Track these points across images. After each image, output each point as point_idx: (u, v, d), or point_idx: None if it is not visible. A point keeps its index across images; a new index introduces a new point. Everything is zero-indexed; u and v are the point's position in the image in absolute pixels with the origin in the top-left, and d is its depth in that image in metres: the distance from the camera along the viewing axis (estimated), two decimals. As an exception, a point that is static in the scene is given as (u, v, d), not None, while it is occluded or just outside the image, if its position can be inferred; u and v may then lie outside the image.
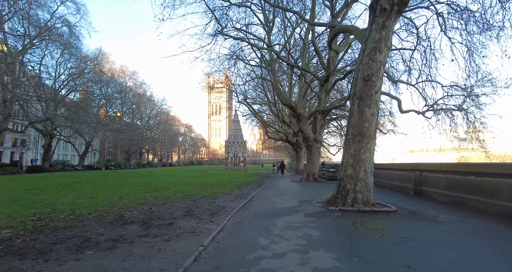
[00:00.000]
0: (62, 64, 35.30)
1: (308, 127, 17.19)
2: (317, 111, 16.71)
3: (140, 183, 14.45)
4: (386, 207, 6.56)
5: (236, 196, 9.22)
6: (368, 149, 6.79)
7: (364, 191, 6.62)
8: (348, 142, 6.96)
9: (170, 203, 7.73)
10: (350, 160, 6.81)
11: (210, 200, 8.17)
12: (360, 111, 6.83)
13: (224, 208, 6.95)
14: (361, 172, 6.70)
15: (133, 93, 52.60)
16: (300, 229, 4.87)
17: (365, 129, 6.78)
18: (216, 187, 12.20)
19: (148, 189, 11.41)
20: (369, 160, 6.80)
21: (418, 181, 9.60)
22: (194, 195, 9.46)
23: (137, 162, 58.96)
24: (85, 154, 43.53)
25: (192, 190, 10.90)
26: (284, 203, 7.80)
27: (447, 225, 5.13)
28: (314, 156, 16.96)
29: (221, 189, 11.26)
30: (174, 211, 6.49)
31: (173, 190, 11.22)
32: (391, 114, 19.37)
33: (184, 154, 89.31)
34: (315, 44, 15.80)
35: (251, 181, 16.60)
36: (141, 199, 8.34)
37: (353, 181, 6.67)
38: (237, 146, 34.80)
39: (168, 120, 68.03)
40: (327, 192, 10.56)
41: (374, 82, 6.81)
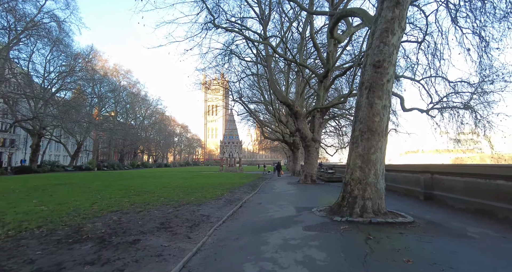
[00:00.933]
0: (52, 62, 33.95)
1: (306, 126, 16.11)
2: (315, 109, 15.64)
3: (125, 186, 13.24)
4: (400, 216, 5.48)
5: (225, 202, 8.08)
6: (379, 148, 5.71)
7: (374, 198, 5.53)
8: (356, 140, 5.86)
9: (147, 210, 6.57)
10: (358, 161, 5.72)
11: (194, 207, 7.01)
12: (370, 103, 5.75)
13: (209, 218, 5.81)
14: (371, 175, 5.61)
15: (127, 92, 51.18)
16: (299, 249, 3.75)
17: (376, 124, 5.70)
18: (205, 191, 11.05)
19: (130, 193, 10.23)
20: (380, 161, 5.72)
21: (428, 184, 8.54)
22: (178, 200, 8.30)
23: (131, 163, 57.45)
24: (76, 155, 42.03)
25: (178, 194, 9.73)
26: (279, 211, 6.67)
27: (485, 243, 4.05)
28: (312, 157, 15.88)
29: (210, 193, 10.11)
30: (146, 222, 5.33)
31: (158, 194, 10.05)
32: (394, 112, 18.36)
33: (180, 154, 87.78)
34: (313, 38, 14.76)
35: (245, 183, 15.46)
36: (115, 206, 7.16)
37: (362, 185, 5.57)
38: (232, 146, 33.62)
39: (163, 120, 66.59)
40: (327, 196, 9.48)
41: (386, 68, 5.73)
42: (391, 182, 11.37)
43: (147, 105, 59.57)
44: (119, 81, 49.65)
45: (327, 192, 11.33)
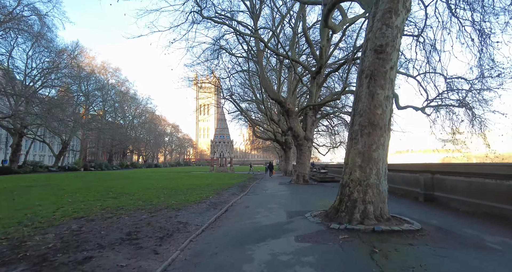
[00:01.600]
0: (34, 57, 32.31)
1: (298, 124, 15.41)
2: (308, 107, 14.95)
3: (105, 187, 12.23)
4: (405, 222, 4.77)
5: (209, 206, 7.25)
6: (381, 145, 4.99)
7: (376, 202, 4.80)
8: (355, 135, 5.13)
9: (117, 217, 5.68)
10: (358, 159, 4.99)
11: (172, 213, 6.15)
12: (371, 94, 5.03)
13: (186, 226, 4.97)
14: (372, 176, 4.89)
15: (116, 90, 49.54)
16: (290, 268, 2.98)
17: (377, 117, 4.98)
18: (190, 193, 10.18)
19: (107, 195, 9.28)
20: (382, 159, 5.00)
21: (429, 185, 7.91)
22: (157, 204, 7.42)
23: (120, 163, 55.77)
24: (61, 155, 40.29)
25: (159, 197, 8.84)
26: (269, 215, 5.88)
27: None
28: (305, 156, 15.19)
29: (195, 195, 9.25)
30: (110, 233, 4.46)
31: (137, 196, 9.13)
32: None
33: (171, 154, 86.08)
34: (306, 32, 14.09)
35: (234, 184, 14.64)
36: (83, 211, 6.24)
37: (362, 187, 4.84)
38: (223, 146, 32.69)
39: (153, 119, 64.98)
40: (321, 198, 8.76)
41: (389, 54, 5.02)
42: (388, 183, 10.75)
43: (137, 104, 57.97)
44: (107, 79, 48.01)
45: (321, 194, 10.63)
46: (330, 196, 9.46)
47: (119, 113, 54.39)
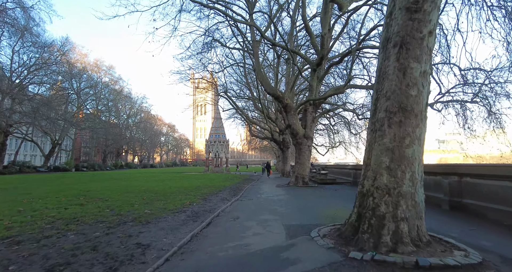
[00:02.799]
0: (21, 53, 30.64)
1: (297, 121, 13.99)
2: (307, 102, 13.53)
3: (80, 191, 10.72)
4: (454, 248, 3.35)
5: (189, 217, 5.77)
6: (417, 138, 3.57)
7: (412, 218, 3.38)
8: (380, 126, 3.70)
9: (61, 235, 4.21)
10: (385, 158, 3.56)
11: (136, 228, 4.68)
12: (402, 68, 3.61)
13: (145, 252, 3.50)
14: (405, 181, 3.46)
15: (109, 89, 47.80)
16: None
17: (411, 100, 3.56)
18: (173, 198, 8.69)
19: (73, 202, 7.77)
20: (418, 158, 3.58)
21: (456, 190, 6.51)
22: (125, 214, 5.94)
23: (114, 163, 54.01)
24: (51, 155, 38.55)
25: (132, 204, 7.35)
26: (262, 233, 4.42)
27: None
28: (304, 156, 13.77)
29: (176, 202, 7.76)
30: (25, 267, 2.99)
31: (108, 203, 7.65)
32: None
33: (167, 154, 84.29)
34: (306, 20, 12.69)
35: (227, 187, 13.18)
36: (20, 226, 4.75)
37: (392, 198, 3.41)
38: (218, 145, 31.16)
39: (148, 119, 63.25)
40: (327, 205, 7.34)
41: (427, 13, 3.60)
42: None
43: (131, 103, 56.24)
44: (100, 77, 46.31)
45: (325, 199, 9.20)
46: (336, 203, 8.05)
47: (113, 112, 52.66)
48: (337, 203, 7.95)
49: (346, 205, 7.60)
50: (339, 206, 7.38)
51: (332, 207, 7.20)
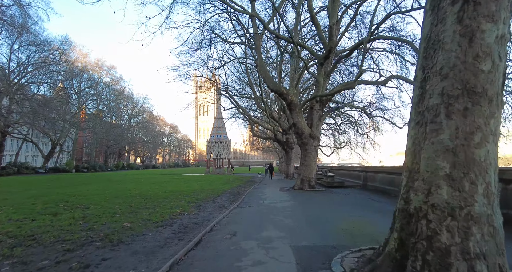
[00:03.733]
0: (20, 52, 29.93)
1: (303, 120, 12.86)
2: (314, 98, 12.39)
3: (64, 196, 9.69)
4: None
5: (174, 233, 4.66)
6: (492, 133, 2.43)
7: (491, 253, 2.24)
8: (433, 117, 2.56)
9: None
10: (443, 162, 2.42)
11: (100, 253, 3.58)
12: (467, 33, 2.46)
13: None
14: (477, 197, 2.32)
15: (109, 89, 46.98)
16: None
17: (483, 78, 2.42)
18: (164, 205, 7.60)
19: (49, 210, 6.72)
20: (493, 162, 2.44)
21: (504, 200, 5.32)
22: (98, 228, 4.85)
23: (116, 164, 53.22)
24: (50, 155, 37.75)
25: (114, 214, 6.26)
26: (264, 264, 3.28)
27: None
28: (310, 157, 12.62)
29: (165, 210, 6.66)
30: None
31: (88, 211, 6.59)
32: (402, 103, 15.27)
33: (169, 155, 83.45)
34: (312, 11, 11.60)
35: (227, 190, 12.07)
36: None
37: (459, 222, 2.27)
38: (220, 146, 30.07)
39: (150, 119, 62.44)
40: (344, 215, 6.18)
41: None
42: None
43: (133, 104, 55.43)
44: (101, 77, 45.54)
45: (336, 206, 8.05)
46: (351, 211, 6.85)
47: (115, 113, 51.91)
48: (352, 212, 6.80)
49: (364, 215, 6.46)
50: (355, 216, 6.24)
51: (348, 217, 6.05)
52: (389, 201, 8.77)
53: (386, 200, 8.99)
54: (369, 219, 5.91)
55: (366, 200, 9.18)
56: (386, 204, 8.29)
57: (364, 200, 9.33)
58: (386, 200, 8.99)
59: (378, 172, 12.20)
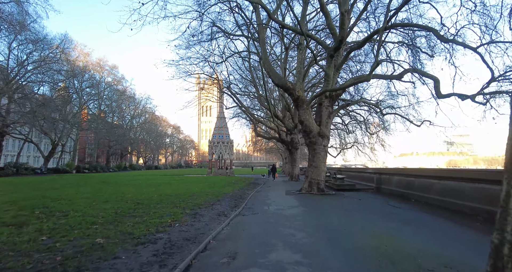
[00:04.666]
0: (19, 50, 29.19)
1: (311, 117, 11.75)
2: (323, 93, 11.26)
3: (44, 200, 8.65)
4: None
5: (155, 254, 3.55)
6: None
7: None
8: None
9: None
10: None
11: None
12: None
13: None
14: None
15: (110, 89, 46.16)
16: None
17: None
18: (154, 212, 6.52)
19: (16, 219, 5.69)
20: None
21: None
22: (59, 247, 3.77)
23: (118, 165, 52.44)
24: (51, 156, 36.95)
25: (91, 224, 5.20)
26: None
27: None
28: (319, 157, 11.49)
29: (153, 220, 5.56)
30: None
31: (64, 220, 5.56)
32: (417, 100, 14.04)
33: (172, 156, 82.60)
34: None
35: (228, 193, 10.97)
36: None
37: None
38: (222, 146, 29.01)
39: (153, 120, 61.63)
40: (364, 225, 5.01)
41: None
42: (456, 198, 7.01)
43: (135, 104, 54.65)
44: (103, 77, 44.78)
45: (354, 214, 6.89)
46: (374, 222, 5.61)
47: (117, 113, 51.14)
48: (375, 223, 5.67)
49: (390, 226, 5.32)
50: (381, 228, 5.11)
51: (373, 230, 4.93)
52: (412, 208, 7.61)
53: (408, 207, 7.82)
54: (399, 233, 4.79)
55: (385, 207, 8.03)
56: (410, 211, 7.14)
57: (382, 206, 8.18)
58: (408, 207, 7.82)
59: (393, 174, 11.03)
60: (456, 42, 9.41)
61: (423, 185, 8.61)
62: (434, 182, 7.97)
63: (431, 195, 7.99)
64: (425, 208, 7.47)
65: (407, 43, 11.81)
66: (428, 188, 8.21)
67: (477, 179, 6.29)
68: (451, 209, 6.91)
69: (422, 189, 8.56)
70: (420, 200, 8.57)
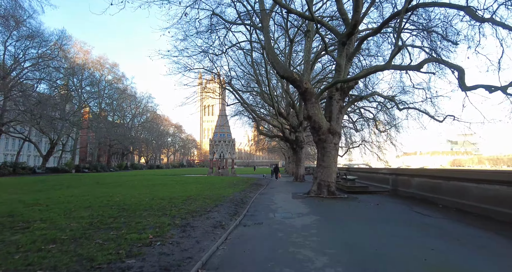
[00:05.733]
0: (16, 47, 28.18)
1: (320, 112, 10.48)
2: (334, 85, 9.99)
3: (16, 205, 7.51)
4: None
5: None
6: None
7: None
8: None
9: None
10: None
11: None
12: None
13: None
14: None
15: (111, 87, 45.11)
16: None
17: None
18: (135, 224, 5.30)
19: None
20: None
21: None
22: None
23: (119, 164, 51.45)
24: (49, 155, 35.99)
25: (49, 242, 3.99)
26: None
27: None
28: (329, 157, 10.23)
29: (126, 238, 4.32)
30: None
31: (19, 236, 4.36)
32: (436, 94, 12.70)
33: (174, 155, 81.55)
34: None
35: (228, 196, 9.73)
36: None
37: None
38: (223, 145, 27.79)
39: (154, 119, 60.56)
40: (400, 242, 3.56)
41: None
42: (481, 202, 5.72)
43: (136, 103, 53.60)
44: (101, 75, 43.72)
45: (380, 225, 5.57)
46: (415, 239, 4.03)
47: (118, 112, 50.12)
48: (414, 240, 4.39)
49: (434, 244, 3.87)
50: (423, 248, 3.83)
51: (414, 252, 3.65)
52: (444, 216, 6.31)
53: (440, 215, 6.52)
54: (452, 258, 3.52)
55: (412, 215, 6.74)
56: (447, 221, 5.84)
57: (408, 214, 6.89)
58: (440, 215, 6.52)
59: (414, 176, 9.74)
60: (497, 22, 8.05)
61: (454, 188, 7.32)
62: (469, 185, 6.68)
63: (467, 201, 6.70)
64: (460, 217, 6.19)
65: (427, 28, 10.48)
66: (462, 193, 6.92)
67: None
68: (497, 220, 5.63)
69: (453, 193, 7.27)
70: (449, 206, 7.29)
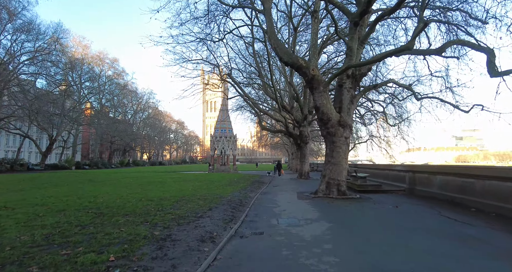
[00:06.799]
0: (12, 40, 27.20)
1: (329, 102, 9.26)
2: (345, 71, 8.74)
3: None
4: None
5: None
6: None
7: None
8: None
9: None
10: None
11: None
12: None
13: None
14: None
15: (111, 82, 44.11)
16: None
17: None
18: (105, 235, 4.20)
19: None
20: None
21: None
22: None
23: (120, 161, 50.69)
24: (48, 152, 35.21)
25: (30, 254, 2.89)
26: None
27: None
28: (339, 152, 9.04)
29: (77, 261, 3.23)
30: None
31: None
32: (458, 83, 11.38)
33: (176, 152, 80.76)
34: None
35: (225, 197, 8.62)
36: None
37: None
38: (224, 141, 26.69)
39: (156, 115, 59.60)
40: (449, 265, 2.43)
41: None
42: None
43: (138, 99, 52.62)
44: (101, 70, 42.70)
45: (410, 235, 4.35)
46: (455, 256, 3.03)
47: (119, 108, 49.20)
48: (465, 262, 3.20)
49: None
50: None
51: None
52: (487, 224, 5.11)
53: (482, 222, 5.30)
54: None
55: (442, 220, 5.56)
56: (493, 232, 4.64)
57: (437, 219, 5.70)
58: (482, 222, 5.30)
59: (436, 173, 8.52)
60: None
61: (491, 189, 6.10)
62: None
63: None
64: (509, 227, 4.99)
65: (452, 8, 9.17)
66: (504, 195, 5.71)
67: None
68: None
69: (492, 195, 6.06)
70: (485, 210, 6.09)
